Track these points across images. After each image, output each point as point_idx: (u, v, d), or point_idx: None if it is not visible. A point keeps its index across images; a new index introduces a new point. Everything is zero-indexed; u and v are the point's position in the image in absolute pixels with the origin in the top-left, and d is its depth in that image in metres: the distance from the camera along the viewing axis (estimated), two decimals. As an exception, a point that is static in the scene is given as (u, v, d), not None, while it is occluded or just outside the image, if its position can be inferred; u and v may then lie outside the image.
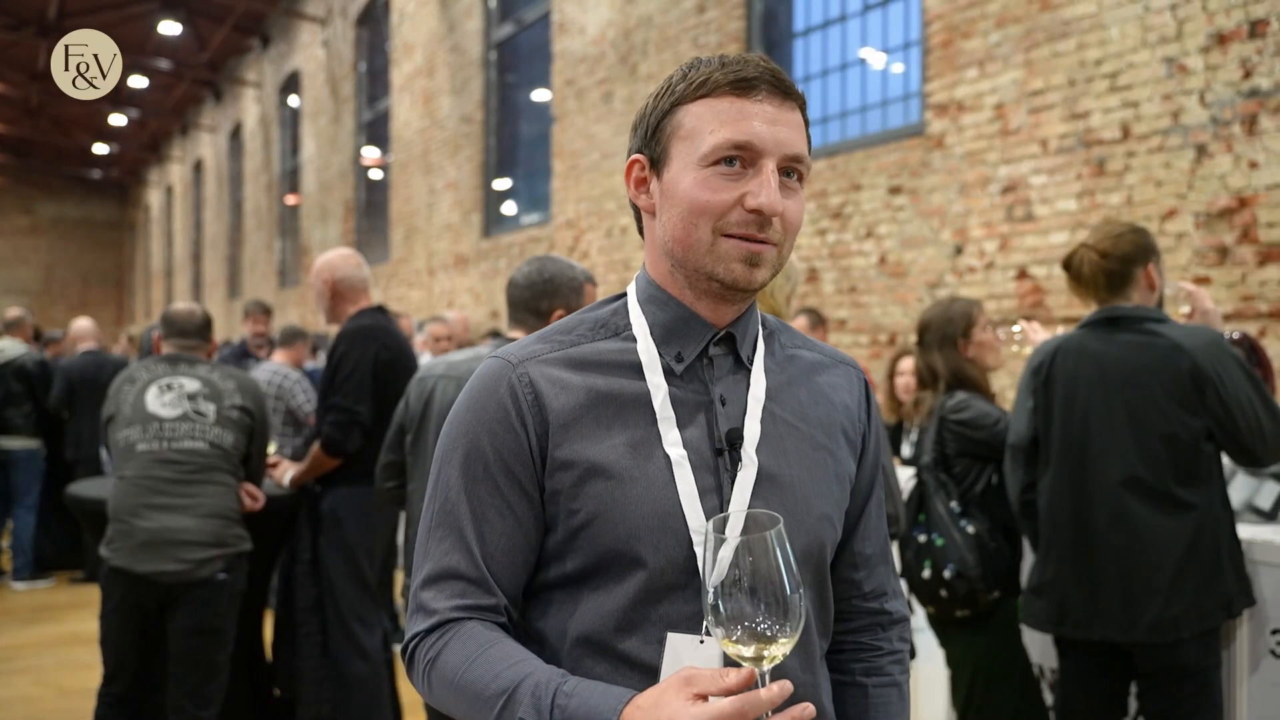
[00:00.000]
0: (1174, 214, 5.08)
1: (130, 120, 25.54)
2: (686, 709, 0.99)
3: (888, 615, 1.41)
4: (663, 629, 1.17)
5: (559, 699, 1.07)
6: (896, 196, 6.70)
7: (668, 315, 1.25)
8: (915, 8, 6.85)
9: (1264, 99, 4.72)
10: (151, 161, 31.28)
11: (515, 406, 1.20)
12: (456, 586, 1.20)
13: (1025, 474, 2.96)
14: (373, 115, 15.94)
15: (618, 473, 1.18)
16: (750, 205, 1.16)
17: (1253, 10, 4.76)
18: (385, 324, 3.91)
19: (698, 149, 1.17)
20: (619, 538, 1.17)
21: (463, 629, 1.18)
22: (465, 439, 1.22)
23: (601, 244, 9.84)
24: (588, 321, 1.29)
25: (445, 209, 13.08)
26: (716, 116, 1.17)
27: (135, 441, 3.43)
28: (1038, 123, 5.77)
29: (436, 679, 1.18)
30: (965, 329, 3.31)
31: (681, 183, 1.18)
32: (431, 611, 1.20)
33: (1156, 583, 2.65)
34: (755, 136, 1.16)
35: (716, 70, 1.18)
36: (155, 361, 3.62)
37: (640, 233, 1.32)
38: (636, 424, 1.20)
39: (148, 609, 3.38)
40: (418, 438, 3.06)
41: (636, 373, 1.23)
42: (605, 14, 9.75)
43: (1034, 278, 5.79)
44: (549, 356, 1.24)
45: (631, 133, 1.28)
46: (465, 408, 1.25)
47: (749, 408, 1.24)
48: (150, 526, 3.32)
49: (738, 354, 1.27)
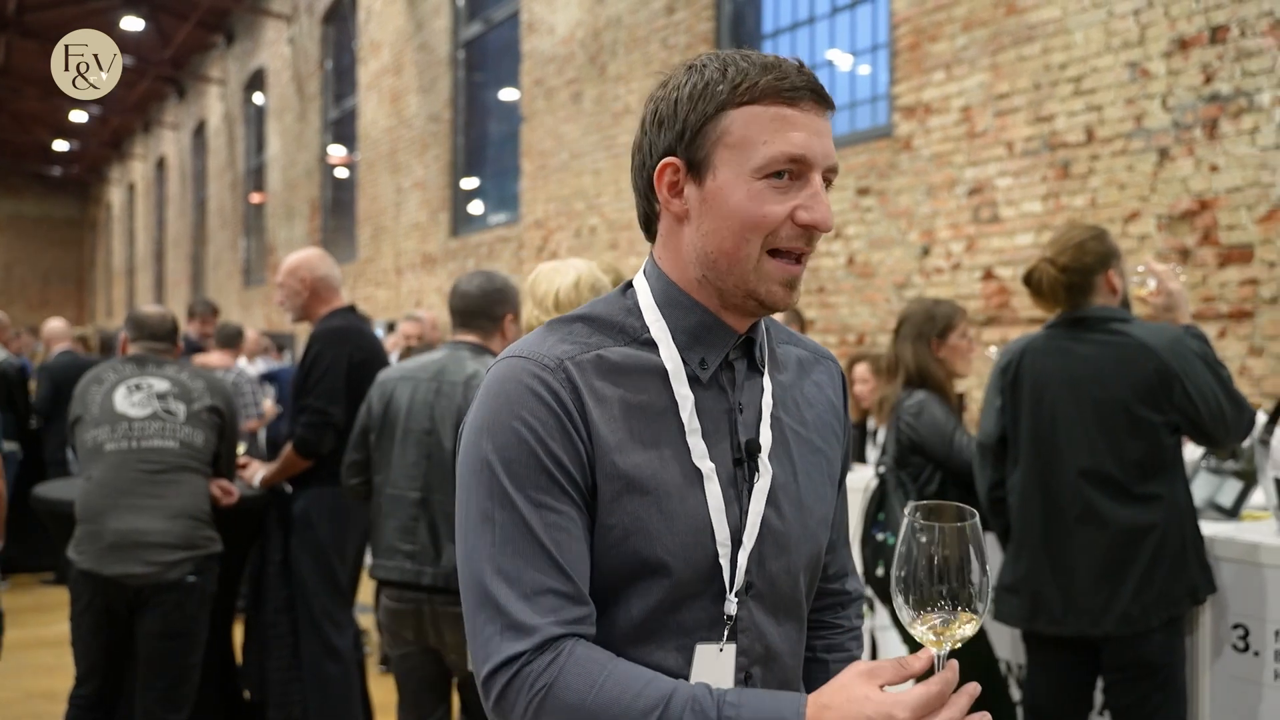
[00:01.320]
0: (1137, 216, 5.16)
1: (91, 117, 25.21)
2: (888, 697, 1.01)
3: (847, 595, 1.45)
4: (679, 637, 1.17)
5: (725, 710, 1.03)
6: (865, 198, 6.75)
7: (692, 321, 1.22)
8: (883, 10, 6.91)
9: (1224, 103, 4.80)
10: (113, 159, 30.90)
11: (563, 408, 1.14)
12: (550, 600, 1.10)
13: (994, 472, 3.00)
14: (339, 113, 15.84)
15: (652, 488, 1.15)
16: (804, 220, 1.14)
17: (1213, 16, 4.85)
18: (358, 324, 3.91)
19: (750, 159, 1.13)
20: (652, 553, 1.14)
21: (577, 649, 1.09)
22: (514, 443, 1.13)
23: (571, 244, 9.84)
24: (603, 323, 1.23)
25: (413, 208, 13.03)
26: (769, 126, 1.14)
27: (104, 442, 3.39)
28: (1003, 126, 5.84)
29: (554, 707, 1.06)
30: (943, 330, 3.36)
31: (733, 195, 1.14)
32: (529, 629, 1.08)
33: (1127, 574, 2.71)
34: (808, 149, 1.14)
35: (761, 75, 1.14)
36: (122, 362, 3.58)
37: (646, 230, 1.28)
38: (666, 436, 1.18)
39: (117, 611, 3.34)
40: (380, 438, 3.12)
41: (663, 381, 1.19)
42: (574, 14, 9.75)
43: (1000, 278, 5.86)
44: (583, 359, 1.18)
45: (654, 129, 1.20)
46: (504, 410, 1.15)
47: (762, 414, 1.24)
48: (119, 528, 3.28)
49: (753, 358, 1.27)
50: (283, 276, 3.92)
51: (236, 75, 20.13)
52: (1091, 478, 2.77)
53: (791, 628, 1.26)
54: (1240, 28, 4.75)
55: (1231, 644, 2.86)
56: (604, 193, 9.35)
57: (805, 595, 1.29)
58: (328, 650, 3.79)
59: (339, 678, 3.81)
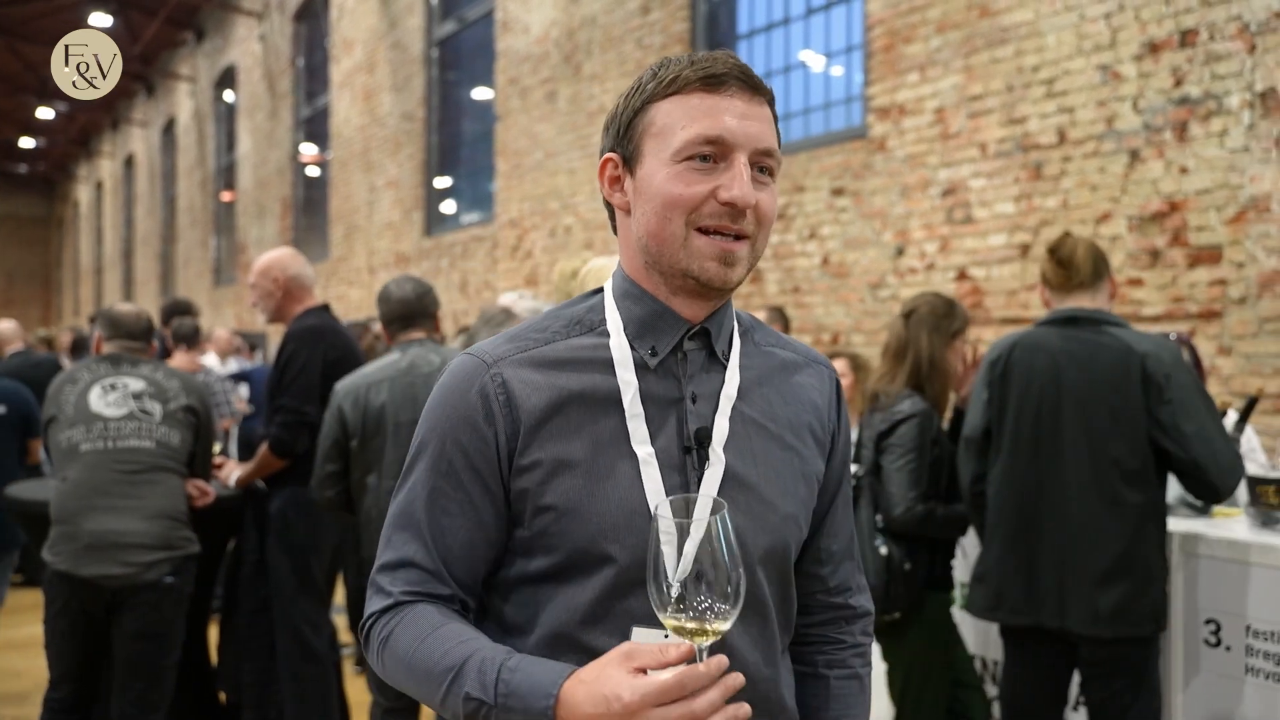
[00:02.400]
0: (1108, 217, 5.22)
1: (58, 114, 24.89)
2: (628, 680, 1.02)
3: (851, 610, 1.43)
4: (628, 622, 1.19)
5: (504, 673, 1.10)
6: (839, 198, 6.79)
7: (642, 310, 1.26)
8: (857, 12, 6.95)
9: (1194, 106, 4.87)
10: (80, 156, 30.54)
11: (485, 407, 1.21)
12: (412, 574, 1.23)
13: (977, 465, 3.02)
14: (311, 111, 15.73)
15: (586, 470, 1.19)
16: (723, 198, 1.17)
17: (1183, 21, 4.92)
18: (332, 323, 3.90)
19: (670, 144, 1.19)
20: (588, 534, 1.18)
21: (415, 610, 1.21)
22: (435, 436, 1.24)
23: (545, 243, 9.83)
24: (563, 318, 1.29)
25: (386, 207, 12.97)
26: (687, 112, 1.18)
27: (79, 442, 3.36)
28: (977, 127, 5.89)
29: (389, 657, 1.21)
30: (958, 331, 3.29)
31: (655, 178, 1.20)
32: (387, 593, 1.24)
33: (1089, 576, 2.75)
34: (726, 130, 1.17)
35: (686, 68, 1.20)
36: (97, 361, 3.54)
37: (615, 231, 1.33)
38: (606, 421, 1.21)
39: (93, 613, 3.31)
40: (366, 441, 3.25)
41: (608, 369, 1.23)
42: (549, 13, 9.74)
43: (973, 279, 5.91)
44: (523, 356, 1.24)
45: (604, 133, 1.29)
46: (438, 404, 1.26)
47: (720, 405, 1.25)
48: (95, 529, 3.25)
49: (712, 349, 1.28)
50: (255, 277, 3.90)
51: (207, 72, 19.95)
52: (1068, 475, 2.80)
53: (753, 622, 1.24)
54: (1209, 32, 4.81)
55: (1204, 639, 2.91)
56: (579, 192, 9.35)
57: (773, 590, 1.28)
58: (304, 651, 3.77)
59: (316, 679, 3.79)
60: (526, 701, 1.08)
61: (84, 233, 31.05)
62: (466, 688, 1.11)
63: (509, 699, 1.09)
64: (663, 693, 1.01)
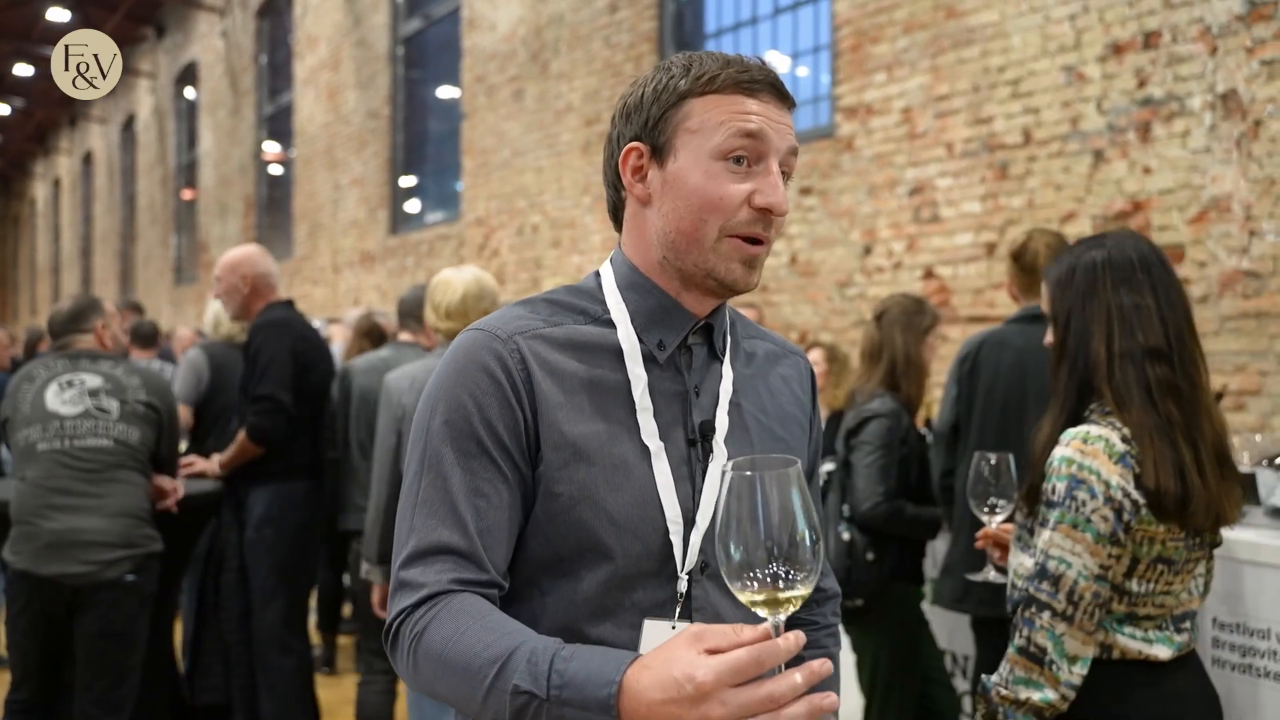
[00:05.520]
0: (1073, 216, 5.28)
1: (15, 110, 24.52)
2: (702, 660, 0.92)
3: (822, 592, 1.45)
4: (636, 615, 1.18)
5: (557, 663, 0.99)
6: (807, 197, 6.82)
7: (651, 303, 1.26)
8: (825, 12, 6.97)
9: (1157, 107, 4.93)
10: (37, 153, 30.05)
11: (509, 379, 1.18)
12: (448, 561, 1.14)
13: (947, 459, 3.07)
14: (274, 109, 15.58)
15: (600, 459, 1.18)
16: (759, 204, 1.18)
17: (1146, 22, 4.98)
18: (298, 316, 3.95)
19: (709, 141, 1.19)
20: (599, 524, 1.17)
21: (454, 601, 1.11)
22: (457, 409, 1.18)
23: (512, 242, 9.79)
24: (563, 304, 1.28)
25: (351, 205, 12.87)
26: (726, 111, 1.19)
27: (36, 441, 3.30)
28: (943, 127, 5.93)
29: (423, 654, 1.10)
30: (929, 327, 3.35)
31: (691, 176, 1.19)
32: (419, 585, 1.13)
33: None
34: (764, 127, 1.19)
35: (724, 67, 1.21)
36: (54, 358, 3.47)
37: (614, 219, 1.33)
38: (617, 412, 1.21)
39: (54, 613, 3.26)
40: None
41: (617, 360, 1.23)
42: (516, 11, 9.71)
43: (940, 277, 5.95)
44: (536, 332, 1.22)
45: (622, 122, 1.27)
46: (452, 379, 1.20)
47: (720, 400, 1.27)
48: (55, 528, 3.20)
49: (712, 345, 1.29)
50: (222, 271, 3.88)
51: (167, 69, 19.70)
52: (1030, 469, 2.84)
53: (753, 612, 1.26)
54: (1172, 33, 4.88)
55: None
56: (546, 190, 9.32)
57: None
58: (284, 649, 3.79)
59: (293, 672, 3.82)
60: (584, 692, 0.97)
61: (41, 231, 30.56)
62: (515, 680, 1.00)
63: (564, 690, 0.98)
64: (738, 671, 0.90)
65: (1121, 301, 1.87)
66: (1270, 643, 2.72)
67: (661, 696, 0.92)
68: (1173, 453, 1.77)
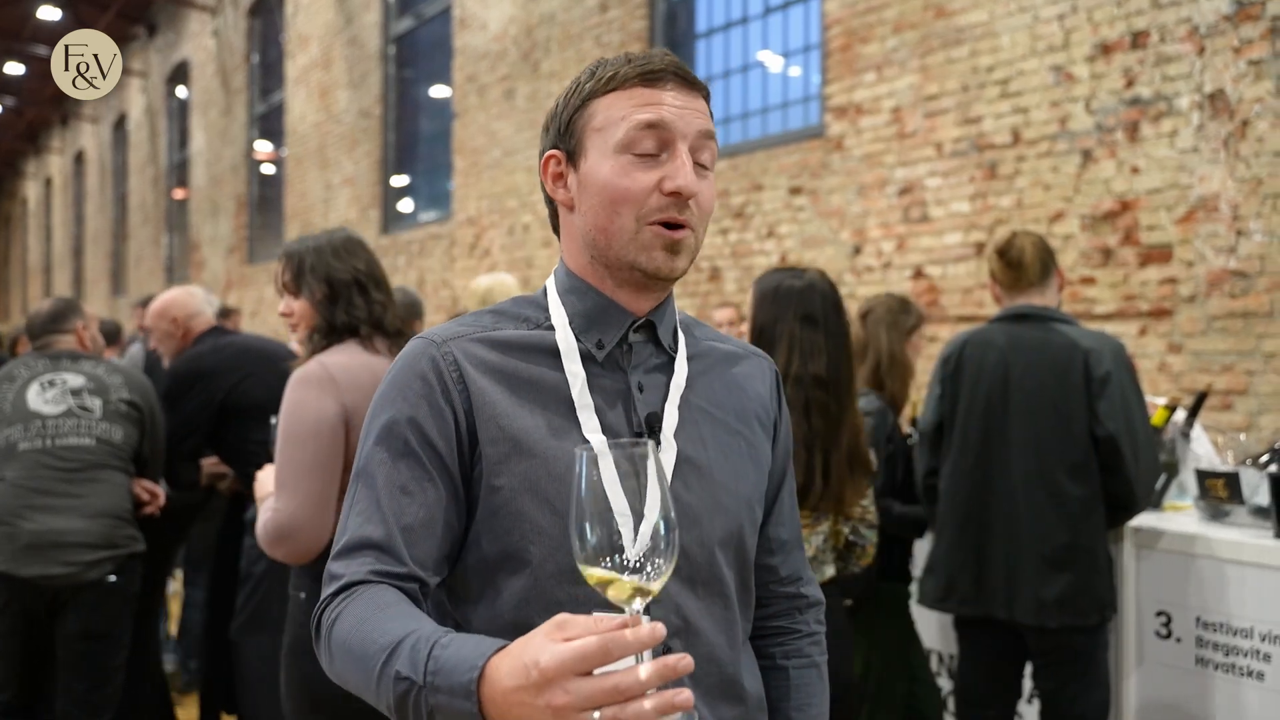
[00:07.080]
0: (1061, 216, 5.28)
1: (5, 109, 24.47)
2: (551, 646, 0.90)
3: (804, 599, 1.44)
4: (588, 608, 1.16)
5: (435, 650, 0.99)
6: (797, 197, 6.81)
7: (587, 304, 1.27)
8: (815, 12, 6.97)
9: (1145, 107, 4.93)
10: (29, 152, 29.97)
11: (440, 382, 1.20)
12: (369, 555, 1.16)
13: (931, 459, 3.07)
14: (266, 108, 15.54)
15: (541, 453, 1.19)
16: (668, 188, 1.19)
17: (1134, 22, 4.98)
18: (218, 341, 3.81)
19: (613, 136, 1.21)
20: (542, 515, 1.17)
21: (367, 591, 1.13)
22: (389, 415, 1.21)
23: (504, 241, 9.78)
24: (509, 314, 1.31)
25: (342, 205, 12.84)
26: (628, 104, 1.21)
27: (16, 441, 3.27)
28: (933, 127, 5.93)
29: (335, 642, 1.11)
30: (913, 327, 3.38)
31: (600, 172, 1.21)
32: (338, 577, 1.16)
33: (1034, 567, 2.80)
34: (666, 116, 1.20)
35: (624, 65, 1.23)
36: (35, 358, 3.45)
37: (554, 230, 1.34)
38: (556, 410, 1.22)
39: (35, 614, 3.23)
40: None
41: (555, 360, 1.24)
42: (507, 10, 9.69)
43: (929, 277, 5.95)
44: (473, 336, 1.25)
45: (543, 134, 1.31)
46: (390, 385, 1.24)
47: (669, 394, 1.27)
48: (35, 529, 3.17)
49: (657, 341, 1.29)
50: (152, 320, 3.83)
51: (159, 68, 19.65)
52: (1015, 469, 2.85)
53: (716, 604, 1.25)
54: (1160, 34, 4.88)
55: (1155, 631, 2.94)
56: (537, 190, 9.24)
57: (733, 574, 1.28)
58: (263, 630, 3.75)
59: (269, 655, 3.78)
60: (451, 678, 0.96)
61: (32, 230, 30.48)
62: (397, 666, 1.01)
63: (436, 676, 0.97)
64: (583, 659, 0.87)
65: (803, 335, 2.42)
66: (1253, 641, 2.72)
67: (512, 683, 0.91)
68: (806, 455, 2.37)
